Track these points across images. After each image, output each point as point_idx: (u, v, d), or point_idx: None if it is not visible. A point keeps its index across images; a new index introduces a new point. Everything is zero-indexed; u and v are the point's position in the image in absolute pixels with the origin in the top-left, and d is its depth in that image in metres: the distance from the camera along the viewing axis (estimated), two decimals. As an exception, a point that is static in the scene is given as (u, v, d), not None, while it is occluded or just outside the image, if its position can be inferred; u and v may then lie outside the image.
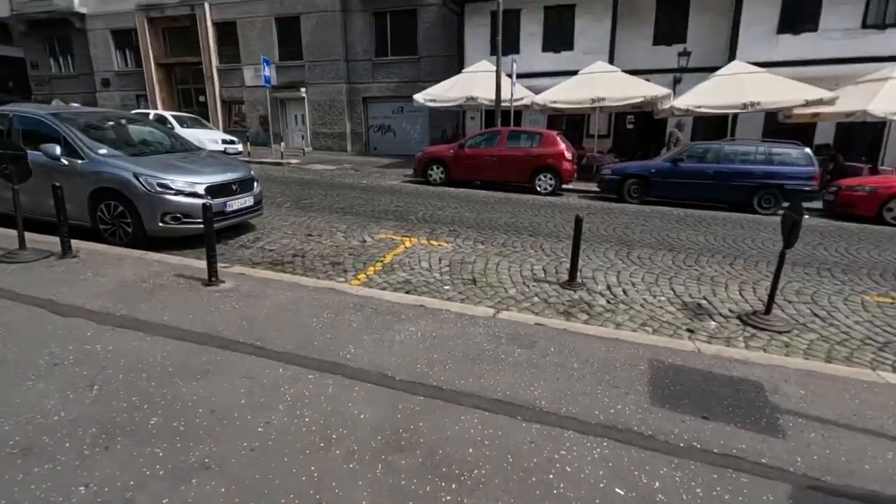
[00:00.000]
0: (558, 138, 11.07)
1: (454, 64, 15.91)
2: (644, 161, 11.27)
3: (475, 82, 13.92)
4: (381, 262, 5.24)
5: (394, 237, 6.31)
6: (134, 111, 16.18)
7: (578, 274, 4.82)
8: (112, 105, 20.47)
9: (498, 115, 13.07)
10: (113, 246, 5.07)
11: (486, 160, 11.30)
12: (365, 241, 6.05)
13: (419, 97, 14.38)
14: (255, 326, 3.21)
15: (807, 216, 7.30)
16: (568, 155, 10.87)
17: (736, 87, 11.83)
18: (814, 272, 5.52)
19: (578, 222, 4.56)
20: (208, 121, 18.46)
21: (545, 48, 15.43)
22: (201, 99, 20.22)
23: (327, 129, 18.49)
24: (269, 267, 4.89)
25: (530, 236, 6.67)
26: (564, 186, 11.41)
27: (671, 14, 14.53)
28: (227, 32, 18.85)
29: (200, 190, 5.27)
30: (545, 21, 15.25)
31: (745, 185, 9.69)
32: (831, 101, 11.30)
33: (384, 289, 4.37)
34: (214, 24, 18.77)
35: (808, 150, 9.71)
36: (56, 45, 21.88)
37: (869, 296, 4.76)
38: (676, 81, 14.24)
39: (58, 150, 5.11)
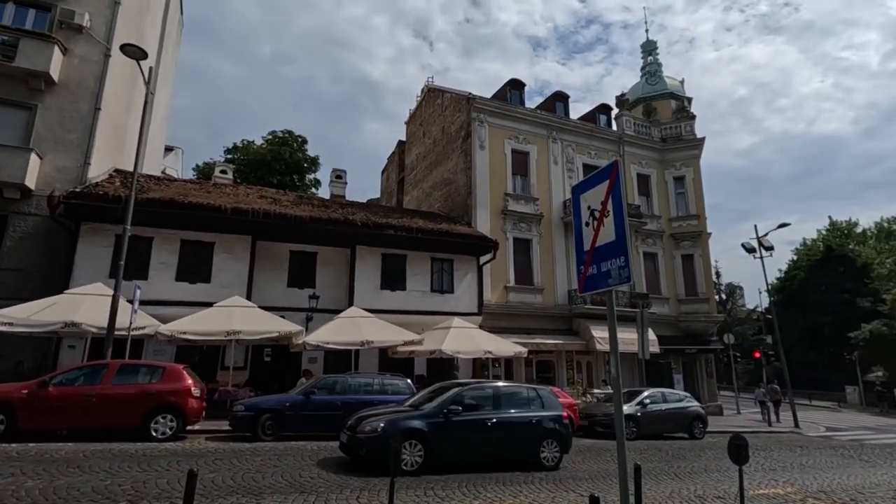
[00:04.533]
0: (185, 372, 10.00)
1: (54, 282, 13.14)
2: (280, 395, 11.27)
3: (80, 306, 11.64)
4: None
5: None
6: None
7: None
8: None
9: (109, 346, 10.94)
10: None
11: (82, 401, 8.88)
12: None
13: (-14, 318, 10.78)
14: None
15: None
16: (195, 391, 9.81)
17: (355, 327, 14.10)
18: None
19: (191, 479, 3.89)
20: None
21: (180, 277, 14.88)
22: None
23: None
24: None
25: None
26: (190, 428, 9.93)
27: (302, 264, 16.94)
28: None
29: None
30: (181, 251, 15.07)
31: (368, 414, 10.80)
32: (420, 342, 14.78)
33: None
34: None
35: (409, 381, 11.98)
36: None
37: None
38: (308, 319, 15.85)
39: None
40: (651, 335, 16.98)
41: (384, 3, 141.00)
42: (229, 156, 35.68)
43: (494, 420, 8.32)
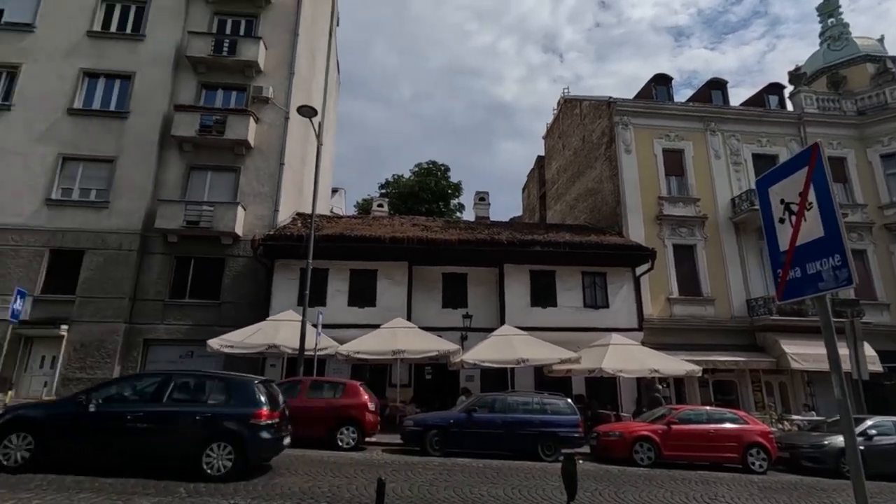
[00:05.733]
0: (361, 388, 11.08)
1: (259, 311, 15.82)
2: (444, 412, 11.78)
3: (278, 330, 13.82)
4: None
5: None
6: None
7: (382, 551, 4.24)
8: None
9: (301, 364, 12.76)
10: None
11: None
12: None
13: (215, 343, 13.43)
14: None
15: (581, 461, 8.18)
16: (371, 406, 10.79)
17: (509, 345, 14.16)
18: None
19: (381, 486, 4.26)
20: None
21: (351, 303, 16.70)
22: None
23: (86, 373, 15.26)
24: None
25: (329, 505, 5.87)
26: (368, 440, 10.92)
27: (454, 285, 17.68)
28: (-25, 258, 15.91)
29: None
30: (351, 280, 16.93)
31: (530, 434, 10.66)
32: (577, 360, 14.20)
33: None
34: (-40, 247, 15.83)
35: (569, 400, 11.54)
36: None
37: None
38: (463, 338, 16.39)
39: None
40: (868, 350, 13.88)
41: (510, 27, 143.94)
42: (383, 190, 39.35)
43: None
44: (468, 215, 35.71)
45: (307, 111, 13.52)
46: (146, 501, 5.58)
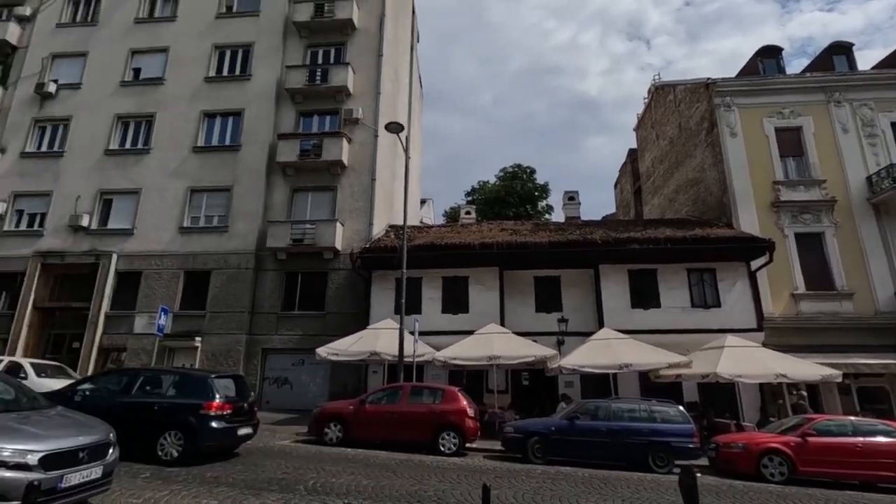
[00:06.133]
0: (460, 394, 11.19)
1: (360, 320, 16.71)
2: (544, 419, 11.51)
3: (378, 338, 14.46)
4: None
5: (274, 516, 5.31)
6: (-19, 358, 14.05)
7: (490, 558, 4.23)
8: (-44, 349, 17.71)
9: (400, 370, 13.23)
10: None
11: (387, 417, 10.85)
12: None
13: (322, 351, 14.39)
14: None
15: (699, 474, 7.51)
16: (470, 412, 10.85)
17: (609, 349, 13.48)
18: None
19: (486, 492, 4.25)
20: (76, 370, 16.40)
21: (444, 310, 17.01)
22: (75, 345, 18.36)
23: (217, 380, 17.18)
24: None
25: (435, 508, 5.98)
26: (468, 445, 10.98)
27: (547, 288, 17.26)
28: (128, 281, 18.67)
29: (32, 460, 4.27)
30: (443, 287, 17.26)
31: (639, 443, 10.04)
32: (688, 365, 13.12)
33: None
34: (118, 272, 18.69)
35: (681, 407, 10.69)
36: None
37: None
38: (559, 343, 15.93)
39: None
40: None
41: (590, 19, 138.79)
42: (469, 197, 39.76)
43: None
44: (557, 217, 34.84)
45: (394, 127, 14.11)
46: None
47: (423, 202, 36.52)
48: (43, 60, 21.54)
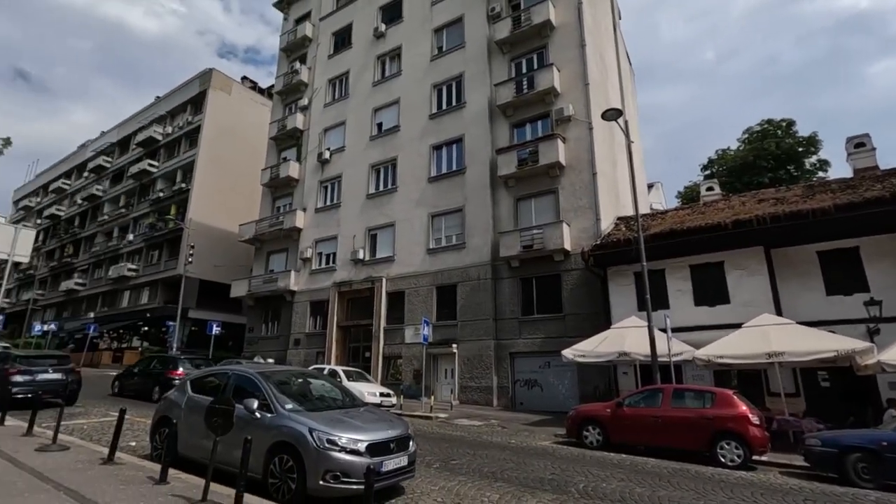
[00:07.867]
0: (736, 398, 9.65)
1: (600, 320, 16.14)
2: (866, 430, 8.98)
3: (625, 337, 13.67)
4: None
5: (554, 516, 5.44)
6: (312, 366, 18.59)
7: None
8: (297, 361, 24.08)
9: (656, 371, 12.19)
10: (274, 504, 5.17)
11: (650, 422, 10.07)
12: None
13: (568, 353, 14.36)
14: None
15: None
16: (754, 419, 9.22)
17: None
18: None
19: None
20: (370, 374, 20.33)
21: (698, 302, 15.05)
22: (367, 355, 22.82)
23: (475, 382, 18.93)
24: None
25: (732, 529, 5.21)
26: (757, 458, 9.32)
27: (840, 264, 13.58)
28: (395, 299, 22.33)
29: (362, 447, 5.36)
30: (692, 277, 15.31)
31: None
32: None
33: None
34: (387, 293, 22.57)
35: None
36: (269, 313, 27.88)
37: None
38: (873, 332, 12.29)
39: (255, 404, 5.84)
40: None
41: None
42: (706, 171, 34.72)
43: None
44: (838, 172, 27.35)
45: (611, 114, 13.35)
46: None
47: (650, 187, 33.50)
48: (319, 135, 27.86)
